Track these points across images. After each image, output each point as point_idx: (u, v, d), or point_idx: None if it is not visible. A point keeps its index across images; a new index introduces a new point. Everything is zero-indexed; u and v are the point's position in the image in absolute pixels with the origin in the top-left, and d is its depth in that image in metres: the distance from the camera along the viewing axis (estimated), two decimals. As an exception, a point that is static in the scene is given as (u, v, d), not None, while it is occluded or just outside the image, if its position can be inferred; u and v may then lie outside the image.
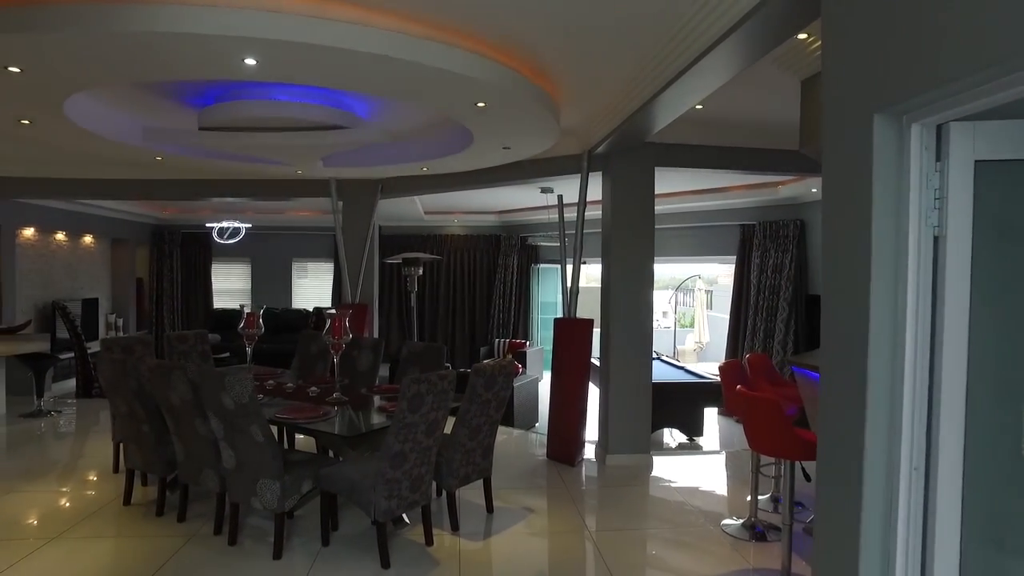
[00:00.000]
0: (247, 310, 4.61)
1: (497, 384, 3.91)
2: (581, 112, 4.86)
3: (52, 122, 4.35)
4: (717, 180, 7.99)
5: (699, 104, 4.55)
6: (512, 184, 6.51)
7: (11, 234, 8.50)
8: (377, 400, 4.25)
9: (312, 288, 12.27)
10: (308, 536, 3.83)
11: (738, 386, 3.13)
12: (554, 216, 10.06)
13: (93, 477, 4.90)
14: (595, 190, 5.70)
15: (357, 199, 7.22)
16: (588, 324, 5.38)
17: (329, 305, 10.61)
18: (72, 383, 8.68)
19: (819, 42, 2.96)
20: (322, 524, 3.69)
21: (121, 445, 4.65)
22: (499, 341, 11.43)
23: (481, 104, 3.84)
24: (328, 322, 4.18)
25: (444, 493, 4.18)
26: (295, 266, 12.23)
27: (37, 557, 3.53)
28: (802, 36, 3.08)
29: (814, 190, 7.42)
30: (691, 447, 7.39)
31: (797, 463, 3.09)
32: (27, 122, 4.41)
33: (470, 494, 4.52)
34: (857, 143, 1.79)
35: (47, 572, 3.38)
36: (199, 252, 11.97)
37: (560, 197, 5.90)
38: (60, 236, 9.65)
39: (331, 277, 12.05)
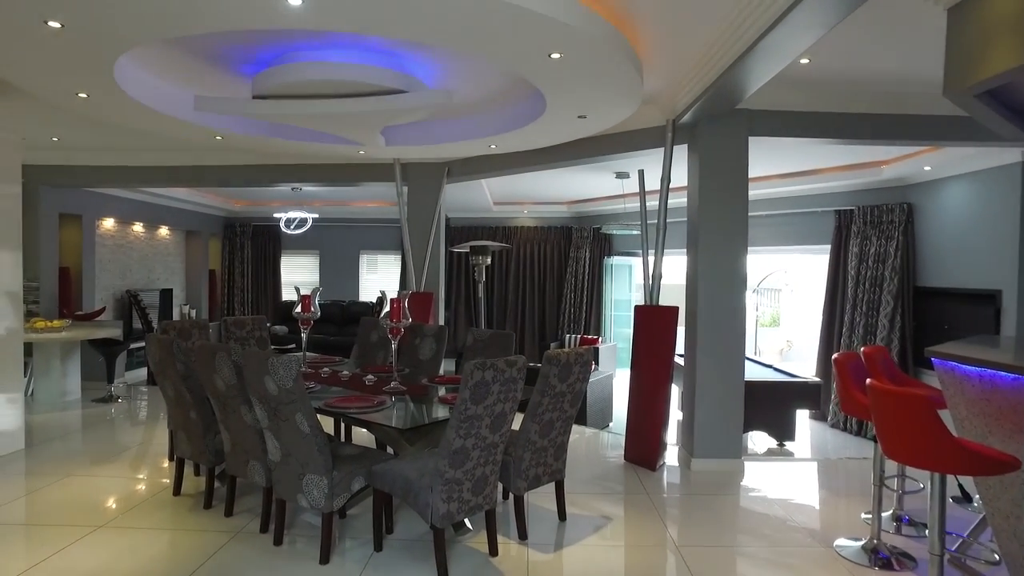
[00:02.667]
0: (303, 291, 4.31)
1: (573, 375, 3.44)
2: (665, 73, 4.34)
3: (106, 93, 4.17)
4: (809, 162, 7.24)
5: (805, 58, 3.97)
6: (586, 162, 6.01)
7: (91, 224, 8.63)
8: (439, 391, 3.86)
9: (380, 281, 12.11)
10: (360, 539, 3.47)
11: (868, 379, 2.54)
12: (630, 205, 9.52)
13: (148, 465, 4.74)
14: (678, 177, 5.14)
15: (423, 183, 6.90)
16: (673, 312, 4.83)
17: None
18: (145, 371, 8.75)
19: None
20: (375, 527, 3.31)
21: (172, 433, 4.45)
22: (570, 337, 10.93)
23: (556, 55, 3.38)
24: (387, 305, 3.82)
25: (511, 497, 3.75)
26: (363, 258, 12.11)
27: (82, 545, 3.33)
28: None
29: (927, 168, 6.58)
30: (780, 453, 6.71)
31: (948, 478, 2.48)
32: (84, 95, 4.25)
33: (539, 499, 4.07)
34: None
35: (89, 562, 3.16)
36: (268, 244, 12.02)
37: (641, 172, 5.35)
38: (137, 227, 9.79)
39: (399, 269, 11.85)
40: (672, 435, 5.16)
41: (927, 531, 2.84)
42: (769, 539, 3.64)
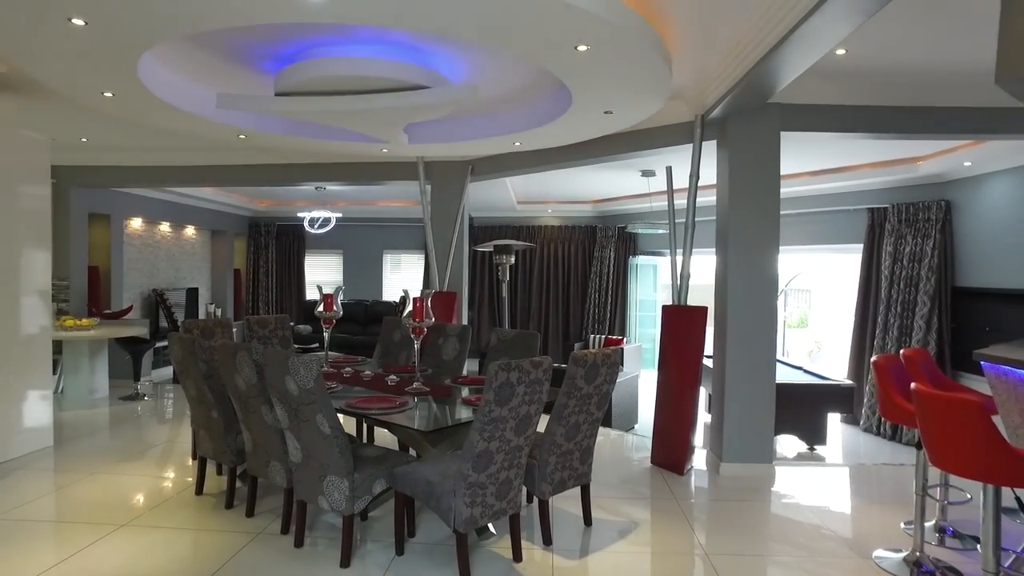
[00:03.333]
0: (325, 290, 4.27)
1: (600, 376, 3.34)
2: (694, 66, 4.21)
3: (131, 92, 4.17)
4: (841, 159, 7.05)
5: (841, 48, 3.82)
6: (612, 160, 5.90)
7: (120, 224, 8.74)
8: (463, 392, 3.79)
9: (404, 281, 12.10)
10: (382, 542, 3.40)
11: (913, 384, 2.40)
12: (657, 204, 9.37)
13: (173, 463, 4.74)
14: (707, 175, 5.00)
15: (446, 181, 6.84)
16: (702, 313, 4.70)
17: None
18: (171, 369, 8.82)
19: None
20: (396, 530, 3.24)
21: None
22: (594, 337, 10.81)
23: (583, 47, 3.29)
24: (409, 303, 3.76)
25: (535, 501, 3.66)
26: (387, 258, 12.11)
27: (103, 544, 3.32)
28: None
29: (967, 163, 6.35)
30: (811, 457, 6.52)
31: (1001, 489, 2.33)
32: (110, 94, 4.26)
33: (564, 503, 3.97)
34: None
35: (111, 561, 3.14)
36: (293, 244, 12.08)
37: (669, 169, 5.23)
38: (164, 227, 9.89)
39: (423, 269, 11.83)
40: (699, 438, 5.03)
41: (978, 546, 2.69)
42: (803, 548, 3.51)
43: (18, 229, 4.88)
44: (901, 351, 3.65)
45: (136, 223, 9.26)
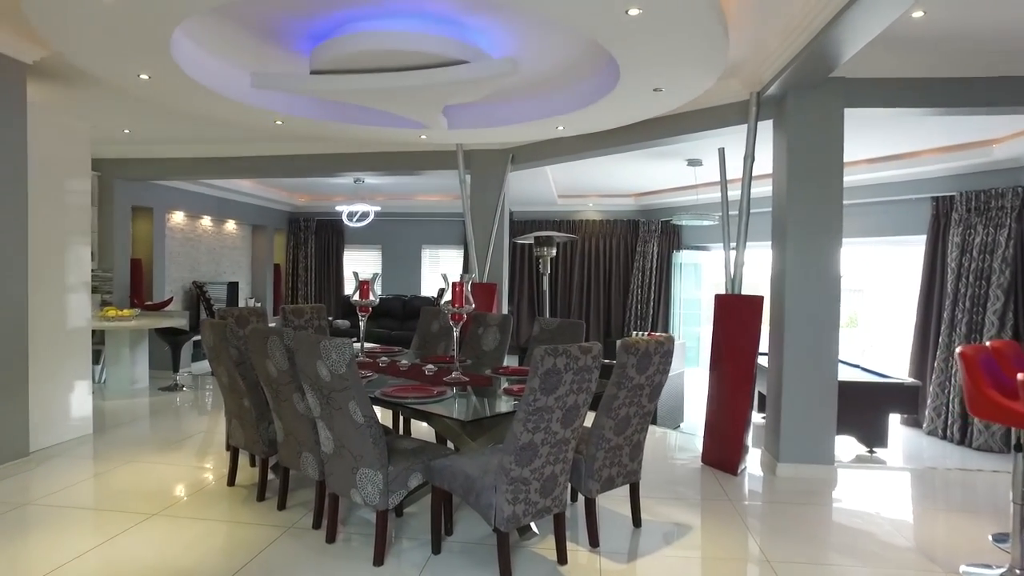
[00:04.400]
0: (361, 276, 4.11)
1: (652, 365, 3.09)
2: (750, 38, 3.93)
3: (166, 74, 4.07)
4: (903, 144, 6.61)
5: (919, 10, 3.48)
6: (658, 144, 5.61)
7: (162, 217, 8.79)
8: (504, 383, 3.58)
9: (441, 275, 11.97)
10: (417, 540, 3.21)
11: (1020, 375, 2.10)
12: (704, 196, 9.03)
13: (207, 454, 4.65)
14: (760, 165, 4.69)
15: (486, 170, 6.66)
16: (758, 303, 4.40)
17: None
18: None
19: None
20: (433, 527, 3.05)
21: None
22: (636, 334, 10.49)
23: (635, 10, 3.04)
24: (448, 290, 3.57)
25: (579, 499, 3.43)
26: (425, 252, 11.99)
27: (133, 533, 3.22)
28: None
29: (1048, 146, 5.88)
30: (870, 460, 6.12)
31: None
32: (145, 76, 4.17)
33: (611, 502, 3.73)
34: None
35: (140, 551, 3.03)
36: (332, 239, 12.05)
37: (722, 151, 4.93)
38: (206, 221, 9.94)
39: (461, 264, 11.68)
40: (750, 437, 4.72)
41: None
42: (876, 558, 3.19)
43: (59, 219, 4.86)
44: (987, 342, 3.31)
45: (178, 217, 9.31)
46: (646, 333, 10.41)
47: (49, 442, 4.70)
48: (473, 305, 3.50)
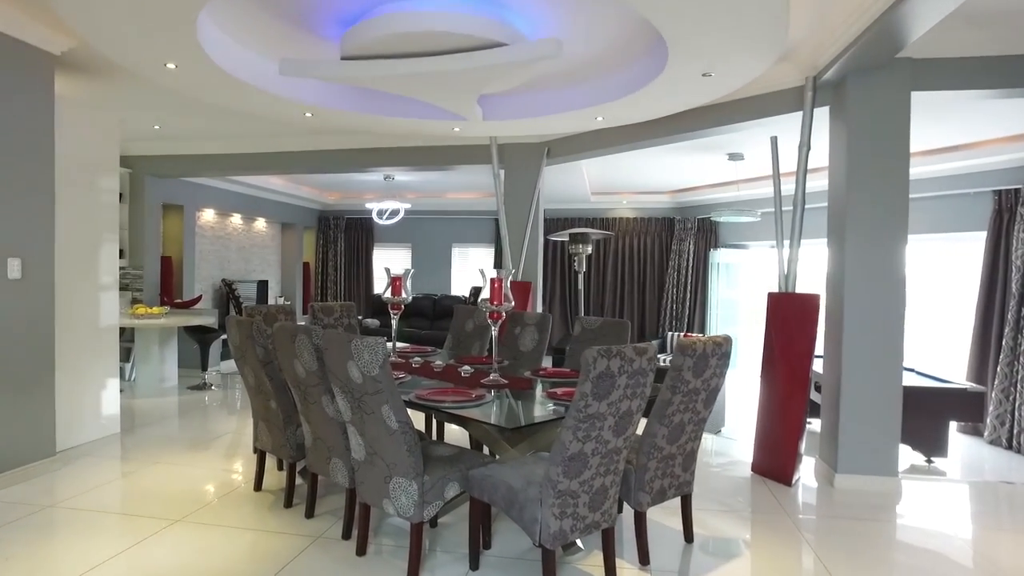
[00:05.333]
0: (393, 272, 3.92)
1: (709, 368, 2.84)
2: (808, 19, 3.64)
3: (194, 62, 3.93)
4: (963, 135, 6.22)
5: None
6: (703, 135, 5.33)
7: (192, 214, 8.74)
8: (546, 385, 3.35)
9: (472, 274, 11.77)
10: (453, 554, 3.00)
11: None
12: (745, 192, 8.69)
13: (234, 456, 4.50)
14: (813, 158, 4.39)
15: (520, 164, 6.44)
16: (814, 301, 4.11)
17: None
18: (241, 361, 8.75)
19: None
20: (470, 541, 2.83)
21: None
22: (672, 335, 10.18)
23: (691, -19, 2.79)
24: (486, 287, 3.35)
25: (625, 512, 3.18)
26: (455, 251, 11.80)
27: (158, 539, 3.08)
28: None
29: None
30: (929, 471, 5.76)
31: None
32: (172, 65, 4.04)
33: (661, 515, 3.48)
34: None
35: (164, 558, 2.88)
36: (361, 237, 11.93)
37: (774, 140, 4.63)
38: (236, 219, 9.89)
39: (491, 262, 11.47)
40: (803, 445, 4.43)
41: None
42: (956, 581, 2.90)
43: (88, 216, 4.77)
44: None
45: (208, 215, 9.26)
46: (682, 335, 10.10)
47: (76, 441, 4.60)
48: (513, 303, 3.28)
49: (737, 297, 10.56)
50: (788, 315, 4.18)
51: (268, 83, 4.45)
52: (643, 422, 2.88)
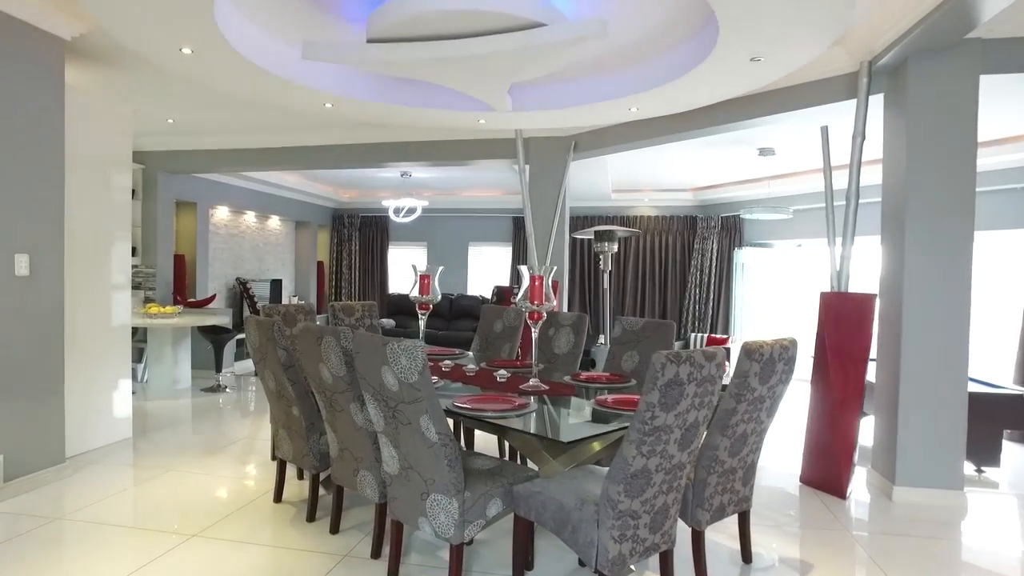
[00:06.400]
0: (420, 270, 3.68)
1: (776, 374, 2.58)
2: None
3: (211, 48, 3.71)
4: (999, 128, 5.90)
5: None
6: (738, 127, 5.06)
7: (206, 212, 8.54)
8: (592, 392, 3.10)
9: (489, 273, 11.52)
10: (492, 575, 2.75)
11: None
12: (776, 188, 8.39)
13: (251, 463, 4.27)
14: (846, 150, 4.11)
15: (546, 160, 6.19)
16: (870, 302, 3.83)
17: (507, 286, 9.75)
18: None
19: None
20: (514, 564, 2.58)
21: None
22: (695, 335, 9.90)
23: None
24: (522, 286, 3.10)
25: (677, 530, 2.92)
26: (471, 250, 11.56)
27: (170, 558, 2.84)
28: None
29: None
30: (980, 482, 5.45)
31: None
32: (188, 51, 3.81)
33: (713, 532, 3.22)
34: None
35: (171, 588, 2.63)
36: (376, 235, 11.71)
37: (824, 130, 4.36)
38: (249, 217, 9.69)
39: (509, 261, 11.23)
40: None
41: None
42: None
43: (99, 212, 4.55)
44: None
45: (222, 212, 9.07)
46: (705, 335, 9.81)
47: (87, 447, 4.40)
48: (555, 302, 3.03)
49: (764, 297, 10.26)
50: (842, 316, 3.91)
51: (287, 71, 4.23)
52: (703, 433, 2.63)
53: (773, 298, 9.84)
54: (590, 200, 10.57)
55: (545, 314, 3.03)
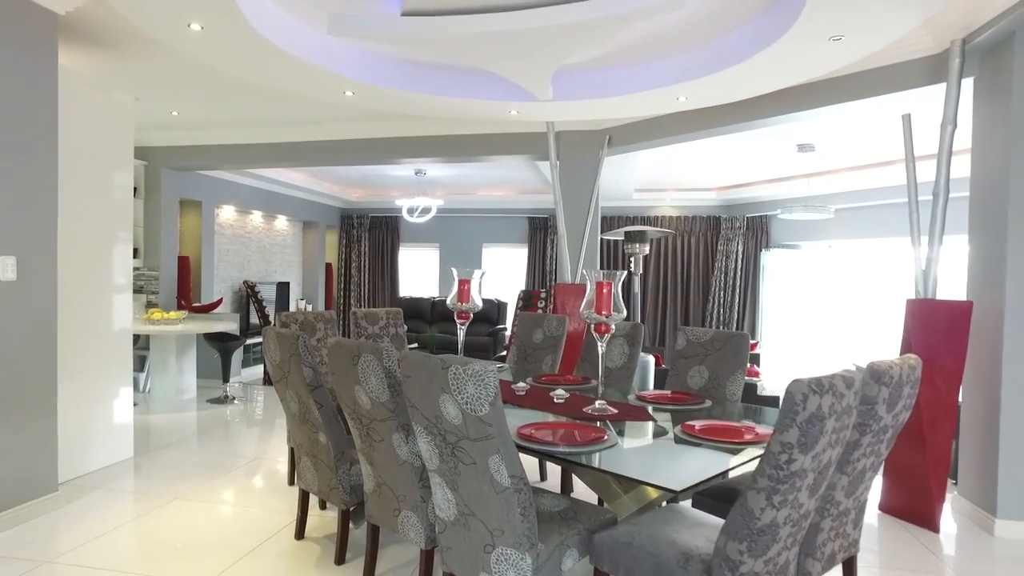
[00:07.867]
0: (458, 275, 3.25)
1: (902, 399, 2.16)
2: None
3: (222, 22, 3.29)
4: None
5: None
6: (794, 119, 4.63)
7: (211, 211, 8.14)
8: (660, 417, 2.67)
9: (504, 276, 11.09)
10: (564, 637, 2.33)
11: None
12: (816, 188, 7.93)
13: (265, 488, 3.85)
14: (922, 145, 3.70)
15: (576, 155, 5.78)
16: (965, 311, 3.41)
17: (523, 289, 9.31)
18: (261, 369, 8.11)
19: None
20: (596, 629, 2.16)
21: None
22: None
23: None
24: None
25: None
26: (485, 251, 11.13)
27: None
28: None
29: None
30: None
31: None
32: (198, 27, 3.40)
33: None
34: None
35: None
36: (386, 236, 11.30)
37: (907, 118, 3.94)
38: (256, 218, 9.28)
39: (525, 263, 10.80)
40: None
41: None
42: None
43: (98, 210, 4.13)
44: None
45: (227, 212, 8.66)
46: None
47: (83, 469, 3.98)
48: (624, 312, 2.60)
49: (792, 300, 9.82)
50: (931, 326, 3.48)
51: (308, 52, 3.81)
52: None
53: (804, 301, 9.41)
54: (611, 200, 10.14)
55: (614, 327, 2.60)
